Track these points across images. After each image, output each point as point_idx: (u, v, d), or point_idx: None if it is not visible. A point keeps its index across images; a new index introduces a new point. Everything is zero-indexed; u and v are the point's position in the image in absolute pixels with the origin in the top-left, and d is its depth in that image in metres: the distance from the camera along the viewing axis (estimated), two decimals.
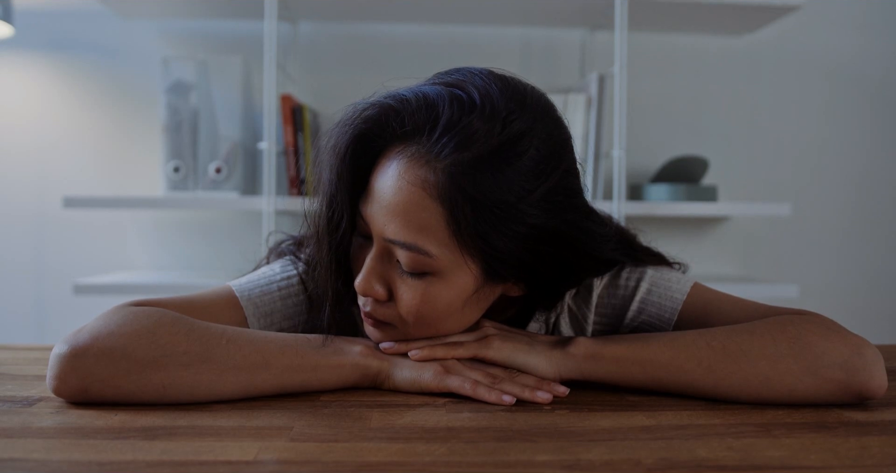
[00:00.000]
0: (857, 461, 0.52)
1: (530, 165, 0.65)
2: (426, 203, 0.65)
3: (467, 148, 0.64)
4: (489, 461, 0.52)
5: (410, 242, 0.66)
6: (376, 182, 0.68)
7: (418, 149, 0.65)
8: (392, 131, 0.67)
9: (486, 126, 0.64)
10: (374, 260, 0.69)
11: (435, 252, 0.66)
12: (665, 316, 0.79)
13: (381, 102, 0.68)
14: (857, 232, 2.07)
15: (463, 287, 0.69)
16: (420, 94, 0.67)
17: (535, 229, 0.67)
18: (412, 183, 0.65)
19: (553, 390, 0.69)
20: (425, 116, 0.65)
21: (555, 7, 1.80)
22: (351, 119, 0.69)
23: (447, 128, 0.64)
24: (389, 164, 0.67)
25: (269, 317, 0.79)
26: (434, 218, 0.65)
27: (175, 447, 0.54)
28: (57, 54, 1.93)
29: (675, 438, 0.57)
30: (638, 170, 1.97)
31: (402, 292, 0.69)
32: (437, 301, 0.69)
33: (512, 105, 0.66)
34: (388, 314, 0.71)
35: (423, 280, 0.68)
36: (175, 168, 1.73)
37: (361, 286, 0.69)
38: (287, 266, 0.82)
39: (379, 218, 0.67)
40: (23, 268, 1.95)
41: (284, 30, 1.90)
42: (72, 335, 0.65)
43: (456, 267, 0.67)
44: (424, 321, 0.70)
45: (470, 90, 0.66)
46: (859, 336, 0.68)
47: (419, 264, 0.67)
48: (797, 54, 2.04)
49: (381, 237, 0.68)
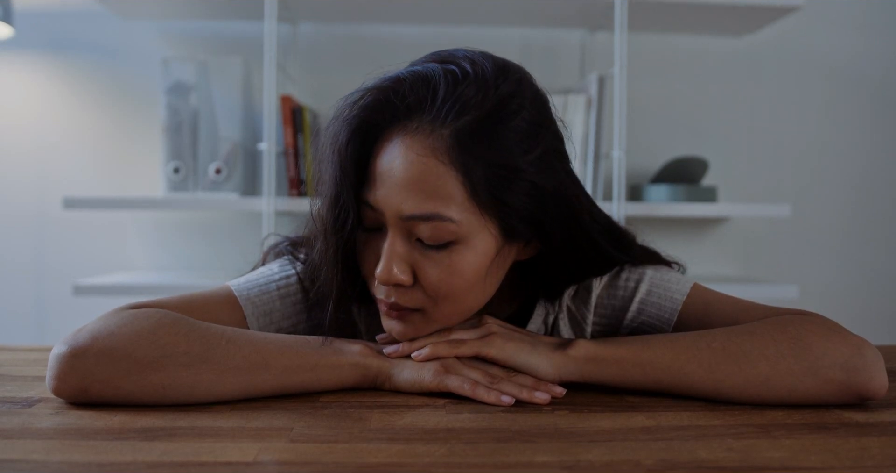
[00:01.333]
0: (857, 462, 0.52)
1: (523, 126, 0.68)
2: (440, 170, 0.66)
3: (467, 112, 0.66)
4: (489, 462, 0.52)
5: (432, 212, 0.66)
6: (381, 166, 0.68)
7: (420, 123, 0.67)
8: (392, 113, 0.68)
9: (481, 91, 0.67)
10: (392, 245, 0.69)
11: (457, 217, 0.67)
12: (665, 317, 0.79)
13: (378, 85, 0.69)
14: (856, 233, 2.07)
15: (486, 250, 0.70)
16: (413, 72, 0.69)
17: (537, 187, 0.69)
18: (422, 154, 0.66)
19: (550, 390, 0.69)
20: (423, 90, 0.67)
21: (554, 8, 1.80)
22: (348, 112, 0.69)
23: (446, 97, 0.66)
24: (392, 144, 0.68)
25: (269, 316, 0.79)
26: (450, 183, 0.66)
27: (175, 448, 0.54)
28: (57, 55, 1.93)
29: (675, 439, 0.57)
30: (638, 171, 1.96)
31: (428, 269, 0.69)
32: (464, 270, 0.69)
33: (497, 71, 0.69)
34: (415, 299, 0.70)
35: (448, 251, 0.68)
36: (175, 169, 1.73)
37: (385, 275, 0.68)
38: (285, 266, 0.82)
39: (393, 198, 0.67)
40: (23, 269, 1.95)
41: (284, 31, 1.90)
42: (71, 336, 0.65)
43: (477, 230, 0.68)
44: (453, 296, 0.70)
45: (459, 62, 0.69)
46: (860, 337, 0.68)
47: (443, 234, 0.67)
48: (797, 55, 2.04)
49: (397, 218, 0.68)
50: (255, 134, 1.87)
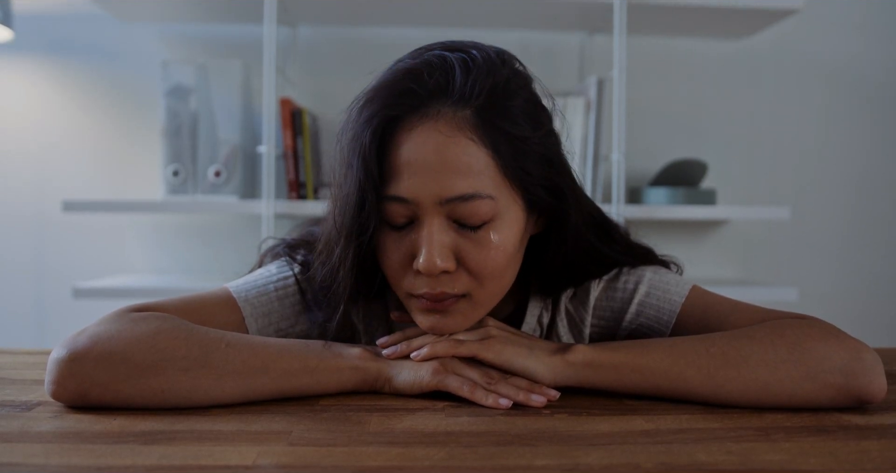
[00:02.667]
0: (856, 465, 0.52)
1: (525, 103, 0.71)
2: (471, 149, 0.67)
3: (483, 92, 0.68)
4: (488, 465, 0.52)
5: (472, 191, 0.67)
6: (406, 157, 0.68)
7: (440, 107, 0.68)
8: (412, 102, 0.68)
9: (491, 72, 0.69)
10: (432, 233, 0.68)
11: (494, 193, 0.68)
12: (663, 319, 0.79)
13: (393, 78, 0.69)
14: (856, 236, 2.08)
15: (518, 223, 0.72)
16: (426, 61, 0.70)
17: (547, 158, 0.72)
18: (451, 135, 0.67)
19: (545, 393, 0.69)
20: (441, 76, 0.68)
21: (554, 10, 1.80)
22: (365, 112, 0.69)
23: (464, 80, 0.68)
24: (415, 133, 0.68)
25: (267, 317, 0.79)
26: (482, 160, 0.68)
27: (174, 451, 0.54)
28: (56, 58, 1.93)
29: (675, 442, 0.57)
30: (637, 173, 1.97)
31: (471, 250, 0.69)
32: (506, 245, 0.70)
33: (496, 54, 0.73)
34: (461, 283, 0.70)
35: (488, 229, 0.69)
36: (174, 172, 1.73)
37: (429, 264, 0.67)
38: (283, 268, 0.82)
39: (430, 184, 0.67)
40: (22, 271, 1.94)
41: (284, 33, 1.90)
42: (70, 340, 0.65)
43: (509, 203, 0.70)
44: (498, 273, 0.71)
45: (465, 49, 0.71)
46: (858, 340, 0.68)
47: (485, 212, 0.68)
48: (796, 58, 2.05)
49: (436, 204, 0.67)
50: (254, 137, 1.87)
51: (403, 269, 0.71)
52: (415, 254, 0.69)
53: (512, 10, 1.80)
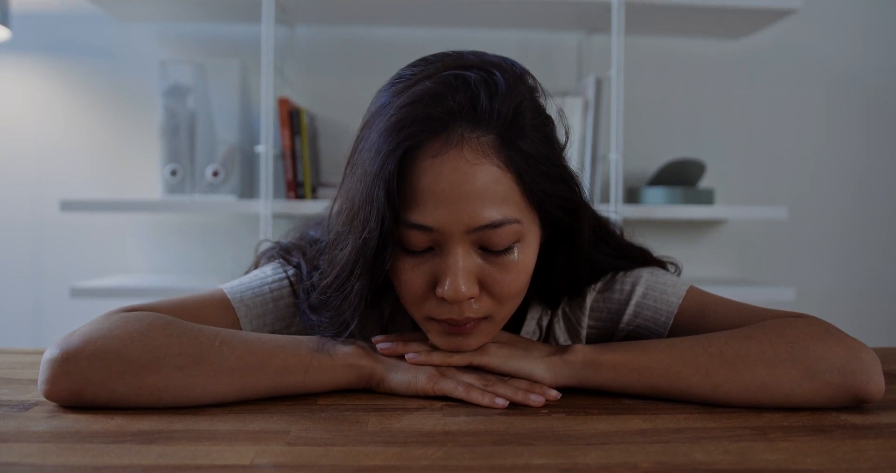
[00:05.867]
0: (853, 464, 0.52)
1: (532, 120, 0.69)
2: (498, 175, 0.65)
3: (507, 114, 0.66)
4: (486, 465, 0.52)
5: (501, 217, 0.66)
6: (430, 185, 0.65)
7: (462, 131, 0.65)
8: (434, 127, 0.65)
9: (512, 94, 0.67)
10: (457, 262, 0.66)
11: (521, 217, 0.67)
12: (661, 320, 0.79)
13: (414, 102, 0.66)
14: (853, 235, 2.08)
15: (537, 241, 0.72)
16: (446, 84, 0.66)
17: (556, 168, 0.70)
18: (477, 163, 0.65)
19: (545, 393, 0.69)
20: (465, 98, 0.65)
21: (552, 10, 1.80)
22: (387, 139, 0.65)
23: (488, 102, 0.66)
24: (438, 161, 0.64)
25: (262, 319, 0.79)
26: (509, 185, 0.66)
27: (171, 451, 0.54)
28: (54, 57, 1.93)
29: (672, 441, 0.57)
30: (635, 173, 1.97)
31: (496, 275, 0.68)
32: (527, 265, 0.70)
33: (510, 68, 0.70)
34: (485, 306, 0.69)
35: (513, 252, 0.68)
36: (172, 171, 1.73)
37: (454, 293, 0.65)
38: (278, 269, 0.82)
39: (459, 213, 0.65)
40: (20, 271, 1.94)
41: (282, 33, 1.90)
42: (63, 339, 0.65)
43: (530, 225, 0.70)
44: (519, 293, 0.71)
45: (483, 67, 0.68)
46: (856, 340, 0.68)
47: (512, 237, 0.67)
48: (793, 58, 2.05)
49: (464, 232, 0.65)
50: (252, 136, 1.87)
51: (424, 294, 0.69)
52: (436, 279, 0.68)
53: (510, 9, 1.80)
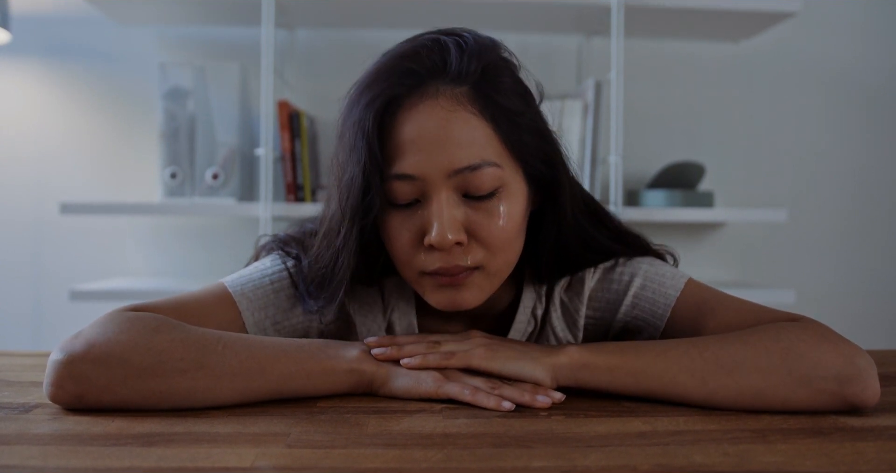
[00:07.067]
0: (852, 466, 0.52)
1: (513, 82, 0.75)
2: (473, 121, 0.70)
3: (476, 70, 0.72)
4: (485, 467, 0.52)
5: (480, 160, 0.70)
6: (409, 135, 0.70)
7: (438, 85, 0.71)
8: (412, 82, 0.71)
9: (482, 52, 0.73)
10: (441, 207, 0.70)
11: (501, 163, 0.71)
12: (658, 312, 0.80)
13: (391, 61, 0.73)
14: (853, 238, 2.08)
15: (522, 194, 0.75)
16: (422, 43, 0.73)
17: (541, 132, 0.75)
18: (453, 110, 0.70)
19: (550, 395, 0.69)
20: (438, 57, 0.72)
21: (551, 13, 1.81)
22: (366, 95, 0.71)
23: (459, 60, 0.71)
24: (416, 112, 0.70)
25: (263, 311, 0.79)
26: (485, 132, 0.71)
27: (172, 453, 0.54)
28: (54, 60, 1.94)
29: (671, 444, 0.57)
30: (634, 176, 1.97)
31: (482, 220, 0.72)
32: (514, 215, 0.73)
33: (484, 38, 0.76)
34: (474, 255, 0.72)
35: (496, 199, 0.72)
36: (172, 174, 1.73)
37: (440, 238, 0.69)
38: (277, 261, 0.83)
39: (437, 157, 0.69)
40: (20, 274, 1.94)
41: (282, 36, 1.90)
42: (68, 342, 0.65)
43: (513, 174, 0.73)
44: (508, 243, 0.73)
45: (457, 32, 0.75)
46: (852, 344, 0.68)
47: (493, 180, 0.71)
48: (793, 60, 2.05)
49: (444, 177, 0.70)
50: (252, 139, 1.87)
51: (413, 248, 0.73)
52: (424, 231, 0.71)
53: (510, 12, 1.80)
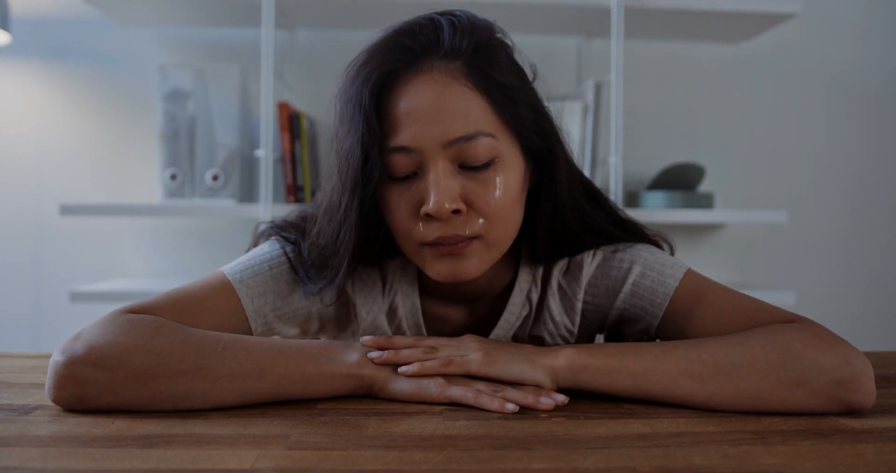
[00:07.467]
0: (852, 468, 0.52)
1: (508, 60, 0.77)
2: (468, 94, 0.72)
3: (470, 46, 0.73)
4: (485, 469, 0.52)
5: (475, 130, 0.71)
6: (405, 108, 0.71)
7: (433, 61, 0.73)
8: (407, 57, 0.72)
9: (475, 30, 0.75)
10: (438, 177, 0.71)
11: (495, 134, 0.73)
12: (657, 301, 0.80)
13: (387, 38, 0.74)
14: (853, 239, 2.08)
15: (519, 167, 0.76)
16: (416, 21, 0.75)
17: (535, 108, 0.77)
18: (447, 84, 0.72)
19: (553, 397, 0.68)
20: (432, 33, 0.74)
21: (551, 15, 1.81)
22: (363, 71, 0.73)
23: (452, 36, 0.73)
24: (411, 86, 0.72)
25: (263, 297, 0.80)
26: (479, 104, 0.72)
27: (172, 455, 0.54)
28: (54, 62, 1.94)
29: (671, 445, 0.57)
30: (634, 177, 1.97)
31: (479, 190, 0.73)
32: (511, 186, 0.74)
33: (477, 17, 0.78)
34: (472, 224, 0.73)
35: (493, 169, 0.73)
36: (172, 176, 1.73)
37: (437, 207, 0.70)
38: (275, 246, 0.83)
39: (432, 128, 0.71)
40: (20, 275, 1.94)
41: (282, 37, 1.90)
42: (69, 343, 0.65)
43: (509, 146, 0.75)
44: (506, 214, 0.74)
45: (450, 11, 0.77)
46: (849, 345, 0.68)
47: (488, 151, 0.72)
48: (793, 62, 2.05)
49: (440, 147, 0.71)
50: (252, 141, 1.87)
51: (412, 219, 0.74)
52: (422, 202, 0.72)
53: (510, 14, 1.80)
